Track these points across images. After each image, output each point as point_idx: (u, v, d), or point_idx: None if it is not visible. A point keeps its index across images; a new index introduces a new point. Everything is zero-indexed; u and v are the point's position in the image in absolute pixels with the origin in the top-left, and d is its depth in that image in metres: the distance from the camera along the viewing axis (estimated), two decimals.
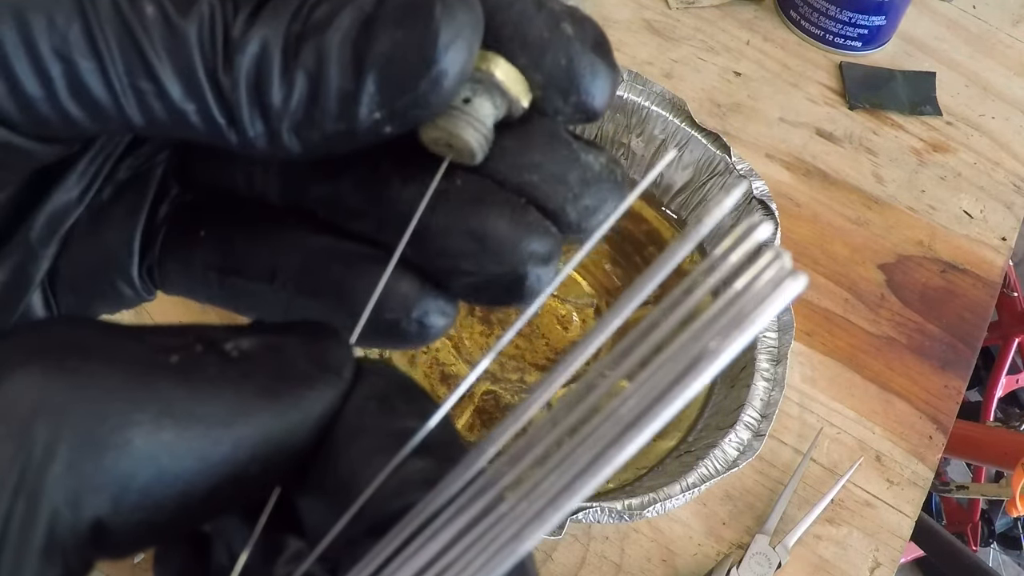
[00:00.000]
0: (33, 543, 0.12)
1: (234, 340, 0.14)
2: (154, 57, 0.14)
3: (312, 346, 0.15)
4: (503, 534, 0.12)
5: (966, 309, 0.66)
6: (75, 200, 0.18)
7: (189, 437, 0.13)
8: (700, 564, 0.53)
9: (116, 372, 0.13)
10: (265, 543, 0.14)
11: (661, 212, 0.63)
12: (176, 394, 0.13)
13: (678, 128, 0.60)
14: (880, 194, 0.70)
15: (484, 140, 0.16)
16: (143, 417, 0.12)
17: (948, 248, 0.68)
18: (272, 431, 0.13)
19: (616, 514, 0.45)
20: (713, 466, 0.48)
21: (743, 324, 0.10)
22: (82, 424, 0.12)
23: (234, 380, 0.13)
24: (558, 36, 0.16)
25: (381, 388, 0.15)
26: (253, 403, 0.13)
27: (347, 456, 0.14)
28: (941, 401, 0.61)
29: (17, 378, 0.12)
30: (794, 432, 0.58)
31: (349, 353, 0.15)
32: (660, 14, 0.77)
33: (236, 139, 0.15)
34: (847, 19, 0.75)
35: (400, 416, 0.14)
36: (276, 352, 0.14)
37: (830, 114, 0.74)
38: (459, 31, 0.14)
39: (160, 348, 0.13)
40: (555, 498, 0.11)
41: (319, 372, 0.14)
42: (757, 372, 0.52)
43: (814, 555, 0.54)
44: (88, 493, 0.12)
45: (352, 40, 0.14)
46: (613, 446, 0.11)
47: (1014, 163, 0.74)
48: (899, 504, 0.56)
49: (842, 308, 0.64)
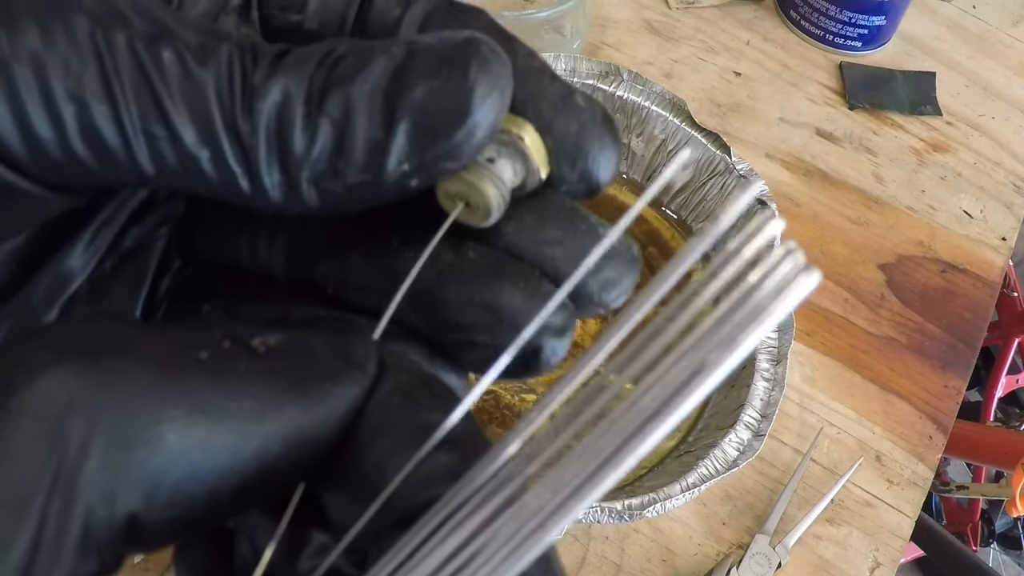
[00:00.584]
0: (69, 539, 0.12)
1: (261, 336, 0.14)
2: (169, 102, 0.14)
3: (337, 342, 0.15)
4: (527, 525, 0.12)
5: (966, 309, 0.66)
6: (79, 268, 0.18)
7: (220, 433, 0.13)
8: (700, 564, 0.53)
9: (147, 369, 0.13)
10: (289, 537, 0.15)
11: (661, 212, 0.63)
12: (207, 391, 0.13)
13: (678, 128, 0.60)
14: (880, 194, 0.70)
15: (502, 201, 0.16)
16: (175, 414, 0.13)
17: (948, 248, 0.68)
18: (300, 426, 0.14)
19: (616, 514, 0.45)
20: (713, 466, 0.48)
21: (760, 317, 0.10)
22: (115, 421, 0.12)
23: (263, 376, 0.14)
24: (570, 106, 0.16)
25: (405, 383, 0.15)
26: (282, 398, 0.13)
27: (372, 450, 0.14)
28: (941, 401, 0.61)
29: (50, 376, 0.12)
30: (794, 432, 0.58)
31: (373, 348, 0.15)
32: (660, 14, 0.77)
33: (250, 190, 0.15)
34: (847, 19, 0.76)
35: (424, 410, 0.14)
36: (302, 348, 0.14)
37: (830, 114, 0.74)
38: (495, 83, 0.14)
39: (189, 345, 0.13)
40: (579, 489, 0.11)
41: (345, 367, 0.14)
42: (757, 372, 0.52)
43: (814, 555, 0.54)
44: (122, 489, 0.12)
45: (383, 89, 0.14)
46: (636, 436, 0.11)
47: (1014, 163, 0.74)
48: (899, 504, 0.56)
49: (842, 308, 0.64)
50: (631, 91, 0.60)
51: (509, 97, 0.15)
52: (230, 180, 0.15)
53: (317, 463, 0.14)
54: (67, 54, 0.14)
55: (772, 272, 0.11)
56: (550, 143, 0.16)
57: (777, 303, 0.11)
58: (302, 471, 0.14)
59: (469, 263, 0.16)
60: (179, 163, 0.14)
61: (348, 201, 0.15)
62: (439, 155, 0.15)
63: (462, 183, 0.15)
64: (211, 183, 0.15)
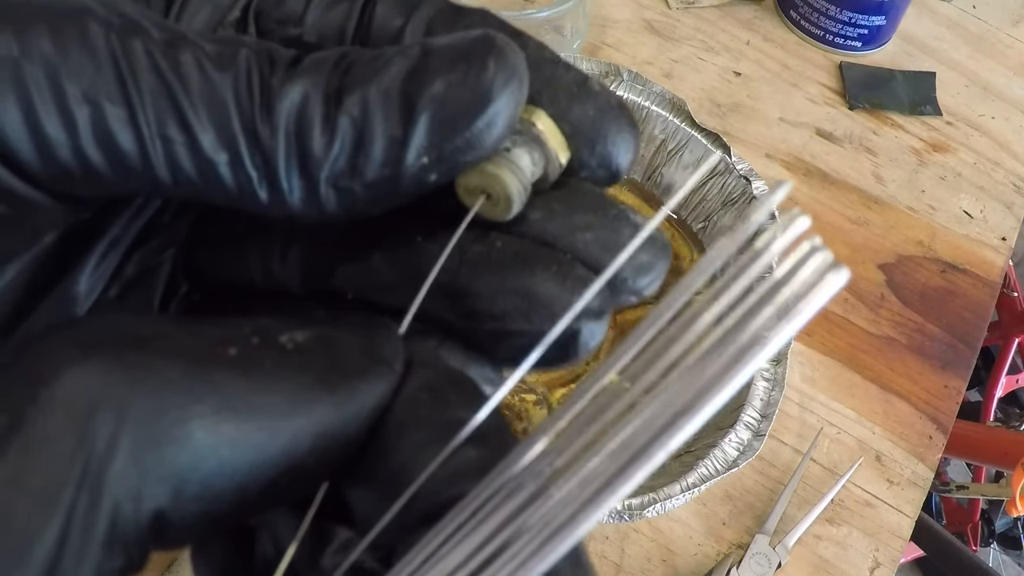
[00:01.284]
0: (96, 535, 0.12)
1: (288, 333, 0.14)
2: (187, 105, 0.14)
3: (365, 338, 0.15)
4: (557, 519, 0.11)
5: (966, 309, 0.66)
6: (84, 294, 0.18)
7: (249, 430, 0.13)
8: (700, 564, 0.53)
9: (175, 365, 0.13)
10: (312, 534, 0.14)
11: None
12: (235, 387, 0.13)
13: (678, 128, 0.60)
14: (880, 194, 0.70)
15: (523, 190, 0.16)
16: (203, 410, 0.12)
17: (948, 248, 0.68)
18: (328, 423, 0.14)
19: (616, 514, 0.45)
20: (713, 466, 0.48)
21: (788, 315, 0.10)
22: (143, 417, 0.12)
23: (291, 372, 0.13)
24: (586, 91, 0.16)
25: (431, 380, 0.15)
26: (310, 395, 0.13)
27: (399, 447, 0.14)
28: (941, 401, 0.61)
29: (77, 372, 0.12)
30: (794, 432, 0.58)
31: (400, 345, 0.15)
32: (660, 14, 0.77)
33: (267, 196, 0.15)
34: (847, 19, 0.76)
35: (451, 407, 0.14)
36: (330, 344, 0.14)
37: (830, 114, 0.74)
38: (513, 72, 0.15)
39: (217, 341, 0.13)
40: (610, 482, 0.11)
41: (372, 364, 0.14)
42: (757, 372, 0.52)
43: (814, 555, 0.54)
44: (149, 486, 0.12)
45: (400, 86, 0.14)
46: (666, 431, 0.11)
47: (1014, 163, 0.74)
48: (899, 504, 0.56)
49: (842, 308, 0.64)
50: (631, 91, 0.60)
51: (527, 86, 0.15)
52: (247, 186, 0.15)
53: (344, 459, 0.14)
54: (81, 56, 0.14)
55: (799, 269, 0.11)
56: (568, 128, 0.16)
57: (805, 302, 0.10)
58: (330, 467, 0.14)
59: (497, 252, 0.16)
60: (195, 168, 0.14)
61: (366, 202, 0.15)
62: (459, 146, 0.15)
63: (480, 175, 0.15)
64: (227, 190, 0.15)
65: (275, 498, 0.14)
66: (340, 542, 0.14)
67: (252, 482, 0.13)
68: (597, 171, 0.17)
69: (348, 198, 0.15)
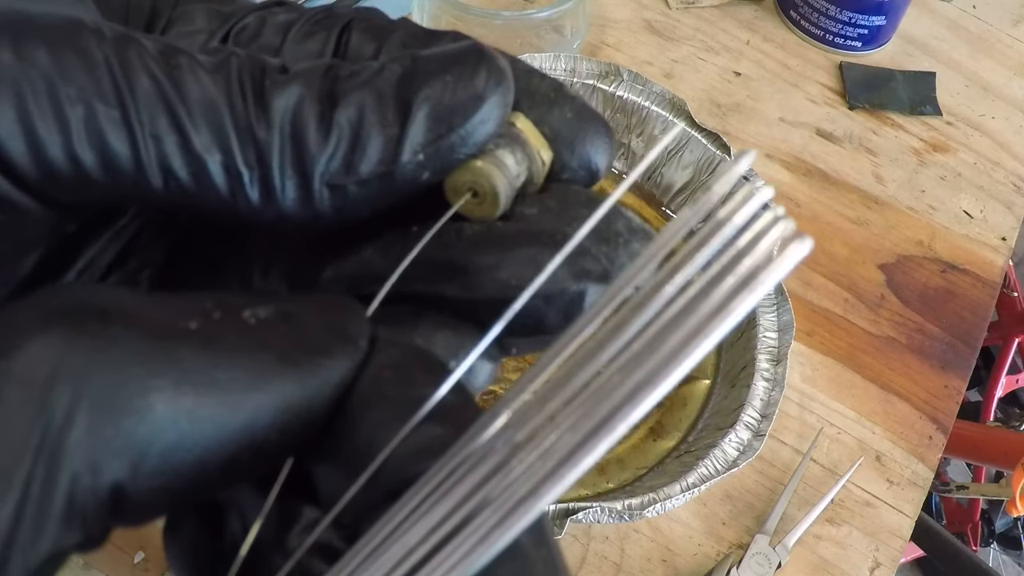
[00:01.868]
0: (53, 507, 0.12)
1: (252, 308, 0.14)
2: (179, 105, 0.14)
3: (329, 315, 0.15)
4: (518, 491, 0.11)
5: (966, 309, 0.66)
6: None
7: (208, 403, 0.13)
8: (700, 564, 0.53)
9: (136, 337, 0.13)
10: (279, 512, 0.14)
11: (661, 212, 0.63)
12: (196, 360, 0.13)
13: (678, 128, 0.60)
14: (880, 194, 0.70)
15: (508, 186, 0.16)
16: (163, 383, 0.12)
17: (948, 248, 0.68)
18: (290, 399, 0.14)
19: (616, 514, 0.45)
20: (713, 466, 0.48)
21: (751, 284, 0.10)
22: (102, 389, 0.12)
23: (253, 347, 0.13)
24: (562, 96, 0.17)
25: (397, 357, 0.15)
26: (272, 370, 0.13)
27: (364, 424, 0.14)
28: (941, 401, 0.61)
29: (37, 342, 0.12)
30: (794, 432, 0.58)
31: (366, 323, 0.15)
32: (660, 14, 0.77)
33: (258, 196, 0.15)
34: (847, 19, 0.76)
35: (417, 385, 0.14)
36: (294, 320, 0.14)
37: (830, 114, 0.74)
38: (503, 74, 0.16)
39: (179, 314, 0.13)
40: (571, 455, 0.11)
41: (337, 341, 0.14)
42: (757, 372, 0.52)
43: (814, 555, 0.54)
44: (108, 457, 0.12)
45: (395, 88, 0.15)
46: (627, 403, 0.11)
47: (1014, 163, 0.74)
48: (899, 504, 0.56)
49: (842, 308, 0.64)
50: (631, 91, 0.60)
51: (514, 88, 0.16)
52: (238, 187, 0.15)
53: (308, 436, 0.14)
54: (76, 61, 0.14)
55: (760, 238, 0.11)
56: (547, 132, 0.17)
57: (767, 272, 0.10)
58: (292, 444, 0.14)
59: (497, 230, 0.16)
60: (187, 168, 0.14)
61: (359, 201, 0.15)
62: (454, 143, 0.15)
63: (468, 171, 0.16)
64: (218, 192, 0.15)
65: (237, 474, 0.14)
66: (306, 521, 0.14)
67: (212, 457, 0.13)
68: (578, 172, 0.17)
69: (341, 197, 0.15)
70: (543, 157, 0.17)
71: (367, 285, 0.17)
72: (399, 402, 0.14)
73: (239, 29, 0.18)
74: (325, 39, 0.18)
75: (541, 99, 0.17)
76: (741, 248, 0.11)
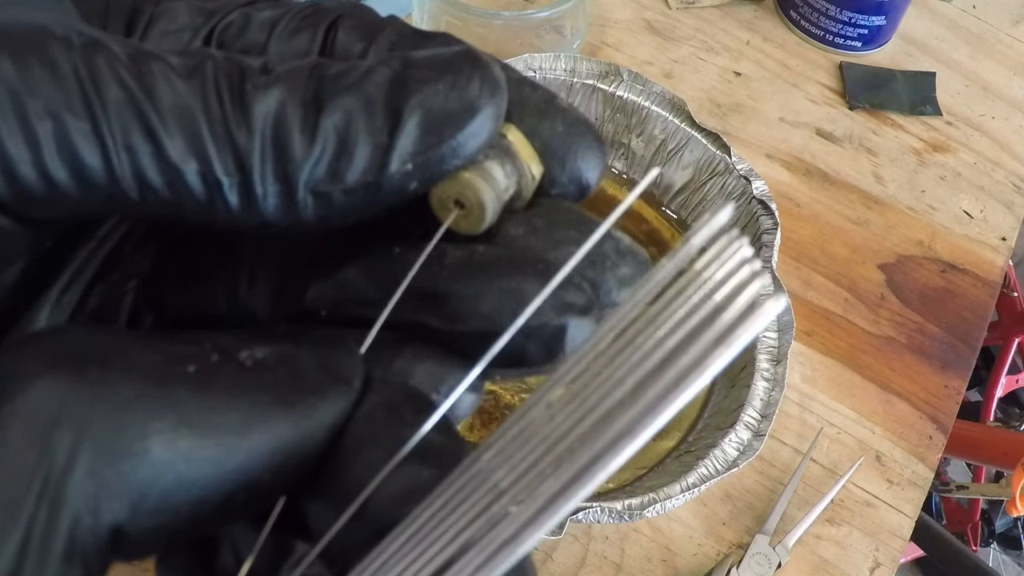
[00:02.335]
0: (55, 547, 0.12)
1: (248, 349, 0.14)
2: (152, 114, 0.14)
3: (324, 355, 0.15)
4: (501, 535, 0.12)
5: (966, 309, 0.66)
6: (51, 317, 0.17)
7: (206, 446, 0.13)
8: (700, 564, 0.53)
9: (135, 382, 0.13)
10: (272, 546, 0.15)
11: (661, 212, 0.63)
12: (193, 404, 0.13)
13: (678, 128, 0.60)
14: (880, 194, 0.70)
15: (495, 199, 0.16)
16: (162, 426, 0.13)
17: (948, 248, 0.68)
18: (285, 440, 0.14)
19: (616, 514, 0.45)
20: (713, 466, 0.48)
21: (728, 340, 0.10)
22: (102, 432, 0.12)
23: (249, 390, 0.14)
24: (554, 108, 0.17)
25: (390, 397, 0.15)
26: (267, 413, 0.14)
27: (356, 464, 0.14)
28: (941, 401, 0.61)
29: (39, 386, 0.12)
30: (794, 432, 0.58)
31: (360, 363, 0.15)
32: (660, 14, 0.77)
33: (238, 203, 0.14)
34: (847, 19, 0.76)
35: (408, 425, 0.14)
36: (289, 361, 0.14)
37: (830, 114, 0.74)
38: (497, 84, 0.15)
39: (177, 358, 0.14)
40: (551, 502, 0.11)
41: (331, 382, 0.15)
42: (757, 372, 0.52)
43: (814, 555, 0.54)
44: (108, 499, 0.12)
45: (385, 93, 0.15)
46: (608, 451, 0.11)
47: (1014, 163, 0.74)
48: (899, 504, 0.56)
49: (842, 308, 0.64)
50: (631, 91, 0.60)
51: (507, 98, 0.16)
52: (216, 194, 0.14)
53: (302, 475, 0.14)
54: (42, 73, 0.13)
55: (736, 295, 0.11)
56: (538, 145, 0.16)
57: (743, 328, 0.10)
58: (287, 483, 0.14)
59: (479, 255, 0.16)
60: (162, 179, 0.14)
61: (344, 209, 0.15)
62: (444, 154, 0.15)
63: (454, 183, 0.15)
64: (196, 200, 0.14)
65: (232, 513, 0.14)
66: (298, 556, 0.14)
67: (209, 497, 0.13)
68: (568, 187, 0.17)
69: (326, 205, 0.15)
70: (533, 171, 0.16)
71: (351, 308, 0.17)
72: (390, 442, 0.14)
73: (224, 26, 0.18)
74: (312, 36, 0.17)
75: (532, 110, 0.16)
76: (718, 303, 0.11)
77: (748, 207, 0.58)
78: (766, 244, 0.56)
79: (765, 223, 0.57)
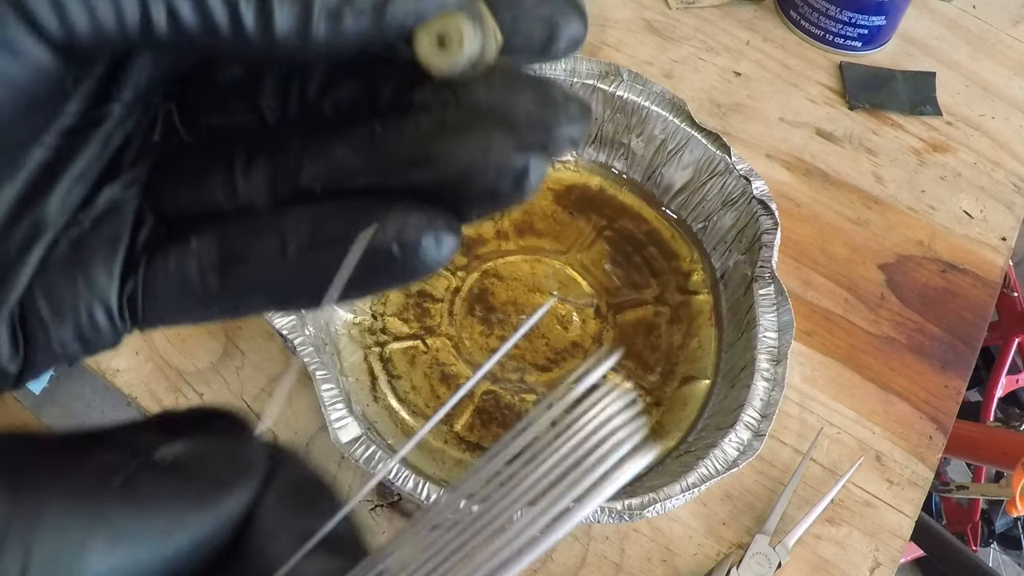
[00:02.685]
0: None
1: (163, 449, 0.16)
2: None
3: (231, 446, 0.17)
4: None
5: (966, 309, 0.66)
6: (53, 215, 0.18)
7: (136, 552, 0.15)
8: (700, 564, 0.53)
9: (71, 501, 0.15)
10: None
11: (661, 212, 0.63)
12: (122, 518, 0.15)
13: (678, 128, 0.60)
14: (880, 194, 0.70)
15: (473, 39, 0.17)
16: (98, 542, 0.14)
17: (948, 248, 0.68)
18: (202, 535, 0.16)
19: (616, 514, 0.45)
20: (713, 466, 0.48)
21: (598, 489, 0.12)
22: (45, 550, 0.14)
23: (169, 493, 0.16)
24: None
25: (295, 481, 0.17)
26: (186, 513, 0.15)
27: (265, 555, 0.16)
28: (941, 401, 0.61)
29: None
30: (794, 432, 0.58)
31: (263, 449, 0.17)
32: (660, 14, 0.77)
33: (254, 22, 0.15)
34: (847, 19, 0.76)
35: (313, 515, 0.16)
36: (200, 458, 0.16)
37: (830, 114, 0.74)
38: None
39: (104, 471, 0.15)
40: None
41: (238, 474, 0.16)
42: (757, 372, 0.52)
43: (814, 555, 0.54)
44: None
45: None
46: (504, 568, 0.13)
47: (1014, 163, 0.74)
48: (899, 504, 0.56)
49: (842, 308, 0.64)
50: (631, 91, 0.60)
51: None
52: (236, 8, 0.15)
53: (217, 560, 0.16)
54: None
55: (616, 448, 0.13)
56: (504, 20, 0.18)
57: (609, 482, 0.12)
58: (205, 569, 0.16)
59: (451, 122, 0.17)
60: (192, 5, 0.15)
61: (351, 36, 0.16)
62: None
63: (440, 18, 0.17)
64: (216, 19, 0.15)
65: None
66: None
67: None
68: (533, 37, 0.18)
69: (336, 26, 0.16)
70: (497, 37, 0.18)
71: (343, 180, 0.19)
72: (297, 531, 0.16)
73: None
74: None
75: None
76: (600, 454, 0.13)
77: (748, 207, 0.58)
78: (766, 244, 0.56)
79: (765, 223, 0.57)
